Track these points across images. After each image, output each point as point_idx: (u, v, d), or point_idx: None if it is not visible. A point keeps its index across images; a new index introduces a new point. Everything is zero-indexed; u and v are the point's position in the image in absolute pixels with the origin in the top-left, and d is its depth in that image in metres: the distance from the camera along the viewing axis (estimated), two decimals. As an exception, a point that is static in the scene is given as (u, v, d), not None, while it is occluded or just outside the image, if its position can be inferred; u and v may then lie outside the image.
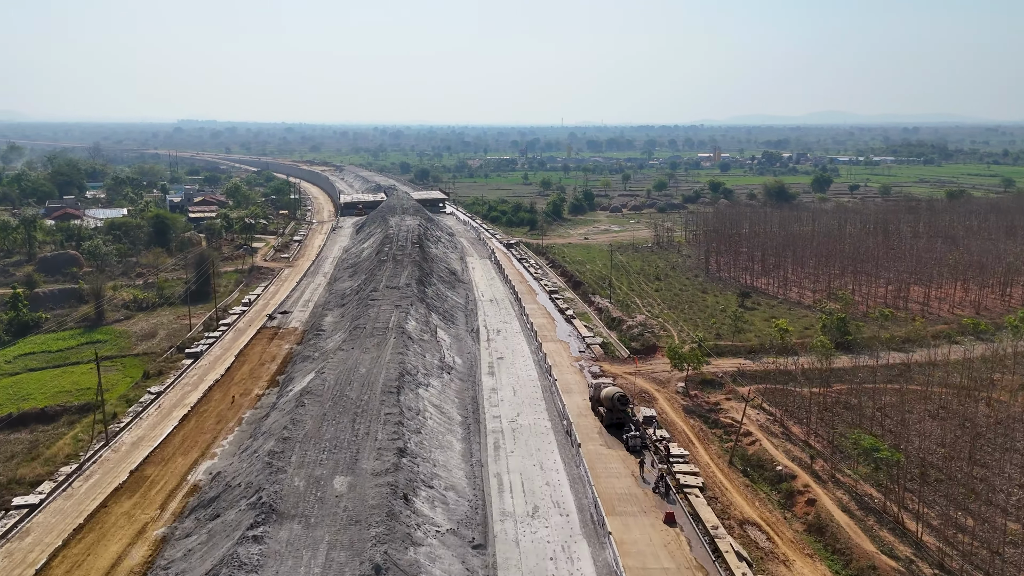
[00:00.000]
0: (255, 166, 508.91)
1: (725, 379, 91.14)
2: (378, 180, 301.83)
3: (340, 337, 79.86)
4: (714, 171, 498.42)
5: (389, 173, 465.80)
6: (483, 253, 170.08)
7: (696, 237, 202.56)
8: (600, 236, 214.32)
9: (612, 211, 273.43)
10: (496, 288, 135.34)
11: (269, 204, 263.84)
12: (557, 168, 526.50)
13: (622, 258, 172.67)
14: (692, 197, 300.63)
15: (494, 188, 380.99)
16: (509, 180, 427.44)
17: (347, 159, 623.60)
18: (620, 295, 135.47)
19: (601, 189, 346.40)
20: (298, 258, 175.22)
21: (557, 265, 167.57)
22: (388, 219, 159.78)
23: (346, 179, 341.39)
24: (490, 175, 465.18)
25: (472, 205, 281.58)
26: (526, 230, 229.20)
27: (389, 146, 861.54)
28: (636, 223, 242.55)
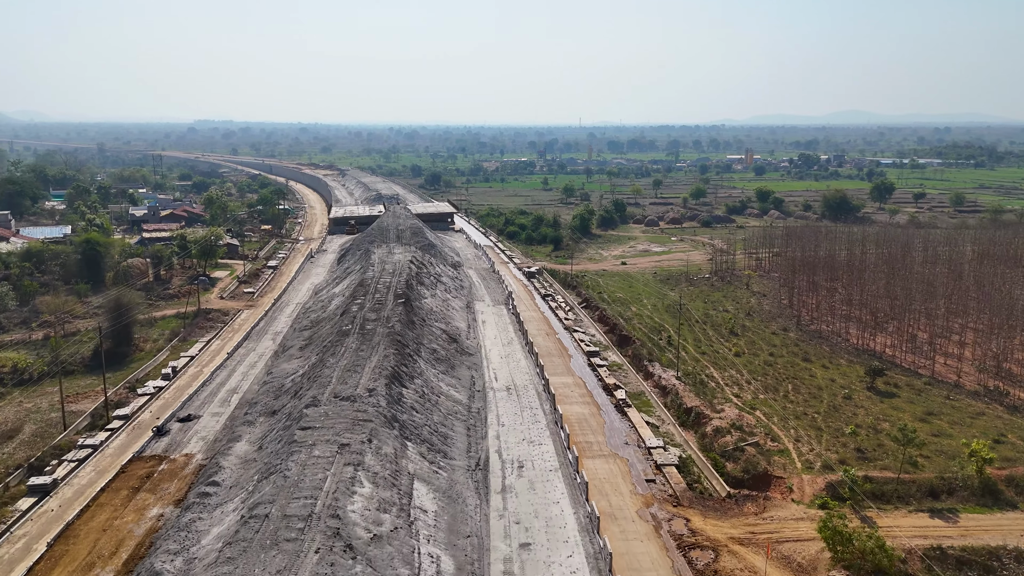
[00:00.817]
0: (258, 169, 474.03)
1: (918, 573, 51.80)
2: (380, 188, 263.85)
3: (226, 526, 42.08)
4: (747, 175, 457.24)
5: (398, 177, 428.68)
6: (497, 295, 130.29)
7: (762, 264, 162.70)
8: (640, 260, 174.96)
9: (648, 225, 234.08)
10: (515, 361, 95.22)
11: (255, 216, 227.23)
12: (578, 171, 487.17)
13: (674, 294, 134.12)
14: (737, 208, 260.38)
15: (511, 195, 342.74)
16: (527, 185, 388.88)
17: (357, 161, 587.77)
18: (687, 361, 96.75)
19: (631, 197, 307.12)
20: (265, 293, 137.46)
21: (593, 305, 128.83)
22: (372, 252, 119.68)
23: (347, 185, 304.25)
24: (507, 179, 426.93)
25: (486, 217, 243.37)
26: (549, 249, 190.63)
27: (403, 147, 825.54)
28: (679, 241, 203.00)
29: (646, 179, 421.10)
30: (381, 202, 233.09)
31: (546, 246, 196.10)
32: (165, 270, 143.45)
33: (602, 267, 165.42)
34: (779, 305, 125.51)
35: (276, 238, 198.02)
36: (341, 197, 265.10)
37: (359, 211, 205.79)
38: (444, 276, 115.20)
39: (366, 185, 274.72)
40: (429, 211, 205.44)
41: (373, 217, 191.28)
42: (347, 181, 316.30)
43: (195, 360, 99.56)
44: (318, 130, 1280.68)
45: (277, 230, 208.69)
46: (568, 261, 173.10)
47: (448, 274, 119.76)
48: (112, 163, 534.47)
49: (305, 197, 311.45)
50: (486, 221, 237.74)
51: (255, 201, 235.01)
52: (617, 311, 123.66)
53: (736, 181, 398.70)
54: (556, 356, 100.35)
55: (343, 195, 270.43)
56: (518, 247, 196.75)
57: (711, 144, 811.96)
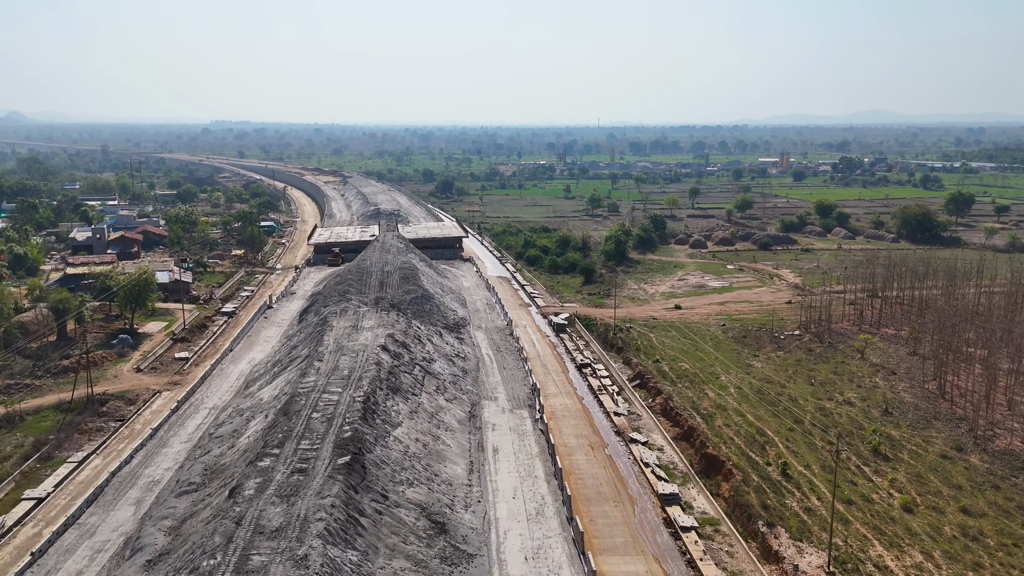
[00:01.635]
0: (260, 173, 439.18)
1: None
2: (380, 201, 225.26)
3: None
4: (785, 179, 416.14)
5: (408, 184, 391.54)
6: (517, 383, 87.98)
7: (863, 311, 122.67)
8: (697, 301, 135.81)
9: (693, 246, 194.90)
10: (552, 562, 53.37)
11: (231, 235, 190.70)
12: (601, 175, 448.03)
13: (760, 364, 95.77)
14: (794, 224, 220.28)
15: (530, 203, 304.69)
16: (548, 192, 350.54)
17: (367, 164, 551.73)
18: (822, 516, 58.38)
19: (666, 208, 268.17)
20: (204, 359, 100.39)
21: (650, 384, 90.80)
22: (329, 324, 79.86)
23: (346, 196, 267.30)
24: (525, 184, 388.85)
25: (502, 235, 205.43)
26: (579, 282, 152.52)
27: (417, 149, 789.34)
28: (738, 270, 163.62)
29: (676, 185, 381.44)
30: (379, 219, 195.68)
31: (575, 276, 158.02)
32: (76, 325, 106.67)
33: (650, 312, 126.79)
34: (924, 393, 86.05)
35: (249, 266, 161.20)
36: (336, 211, 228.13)
37: (348, 234, 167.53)
38: (437, 359, 75.82)
39: (366, 197, 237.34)
40: (433, 235, 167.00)
41: (364, 243, 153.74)
42: (347, 190, 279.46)
43: (42, 506, 62.48)
44: (333, 131, 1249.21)
45: (254, 254, 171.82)
46: (605, 301, 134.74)
47: (444, 350, 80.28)
48: (112, 167, 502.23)
49: (301, 208, 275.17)
50: (502, 240, 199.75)
51: (233, 217, 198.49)
52: (687, 397, 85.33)
53: (776, 188, 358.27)
54: (611, 503, 62.25)
55: (339, 208, 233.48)
56: (541, 277, 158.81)
57: (737, 145, 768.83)
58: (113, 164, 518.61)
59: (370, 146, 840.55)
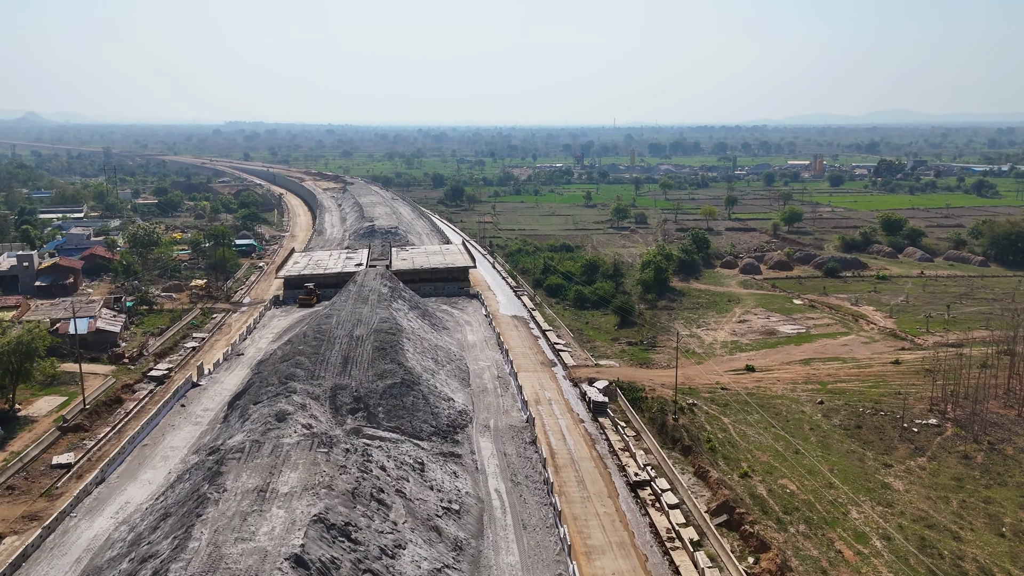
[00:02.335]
0: (261, 177, 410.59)
1: None
2: (378, 215, 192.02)
3: None
4: (820, 184, 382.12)
5: (416, 190, 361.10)
6: (544, 545, 54.19)
7: (1010, 385, 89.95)
8: (772, 357, 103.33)
9: (745, 271, 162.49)
10: None
11: (199, 257, 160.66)
12: (622, 180, 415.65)
13: (898, 482, 64.35)
14: (857, 243, 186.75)
15: (547, 212, 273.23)
16: (566, 200, 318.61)
17: (376, 167, 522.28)
18: None
19: (702, 219, 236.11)
20: (96, 463, 69.82)
21: (750, 533, 59.40)
22: (196, 523, 40.33)
23: (343, 206, 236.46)
24: (541, 190, 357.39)
25: (518, 255, 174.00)
26: (614, 323, 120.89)
27: (429, 150, 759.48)
28: (807, 306, 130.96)
29: (705, 191, 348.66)
30: (373, 239, 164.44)
31: (607, 314, 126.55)
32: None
33: (714, 374, 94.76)
34: None
35: (210, 301, 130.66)
36: (327, 226, 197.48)
37: (329, 263, 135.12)
38: (409, 540, 43.76)
39: (362, 209, 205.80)
40: (434, 264, 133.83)
41: (346, 276, 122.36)
42: (345, 200, 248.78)
43: None
44: (345, 132, 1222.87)
45: (219, 284, 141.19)
46: (652, 357, 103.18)
47: (426, 506, 45.57)
48: (112, 170, 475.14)
49: (294, 219, 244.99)
50: (517, 262, 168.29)
51: (205, 234, 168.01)
52: (810, 558, 53.80)
53: (814, 194, 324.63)
54: None
55: (331, 223, 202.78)
56: (565, 315, 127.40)
57: (761, 147, 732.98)
58: (113, 167, 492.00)
59: (381, 148, 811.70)
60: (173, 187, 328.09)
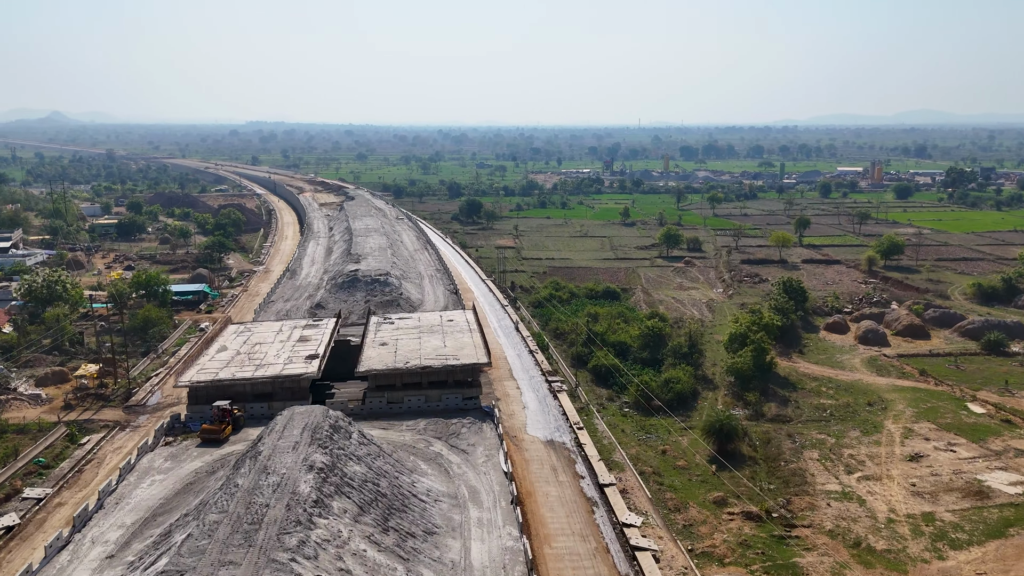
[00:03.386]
0: (263, 185, 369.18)
1: None
2: (370, 250, 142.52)
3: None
4: (885, 196, 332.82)
5: (429, 200, 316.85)
6: None
7: None
8: (1003, 557, 58.47)
9: (865, 341, 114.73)
10: None
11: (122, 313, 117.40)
12: (658, 188, 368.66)
13: None
14: (998, 291, 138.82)
15: (578, 233, 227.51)
16: (600, 215, 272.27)
17: (391, 172, 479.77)
18: None
19: (772, 248, 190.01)
20: None
21: None
22: None
23: (334, 231, 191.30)
24: (569, 201, 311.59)
25: (548, 304, 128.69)
26: (707, 456, 75.52)
27: (448, 153, 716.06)
28: (1005, 423, 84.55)
29: (755, 204, 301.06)
30: (353, 292, 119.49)
31: (689, 427, 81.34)
32: None
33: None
34: None
35: (98, 403, 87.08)
36: (304, 265, 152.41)
37: (271, 352, 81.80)
38: None
39: (352, 239, 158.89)
40: (428, 361, 79.30)
41: (288, 384, 76.75)
42: (338, 223, 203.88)
43: None
44: (364, 133, 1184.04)
45: (124, 369, 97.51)
46: (796, 557, 57.99)
47: None
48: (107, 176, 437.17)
49: (280, 242, 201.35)
50: (548, 317, 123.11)
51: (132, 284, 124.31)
52: None
53: (886, 211, 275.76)
54: None
55: (310, 259, 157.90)
56: (628, 429, 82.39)
57: (799, 150, 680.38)
58: (114, 172, 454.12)
59: (399, 149, 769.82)
60: (154, 200, 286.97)
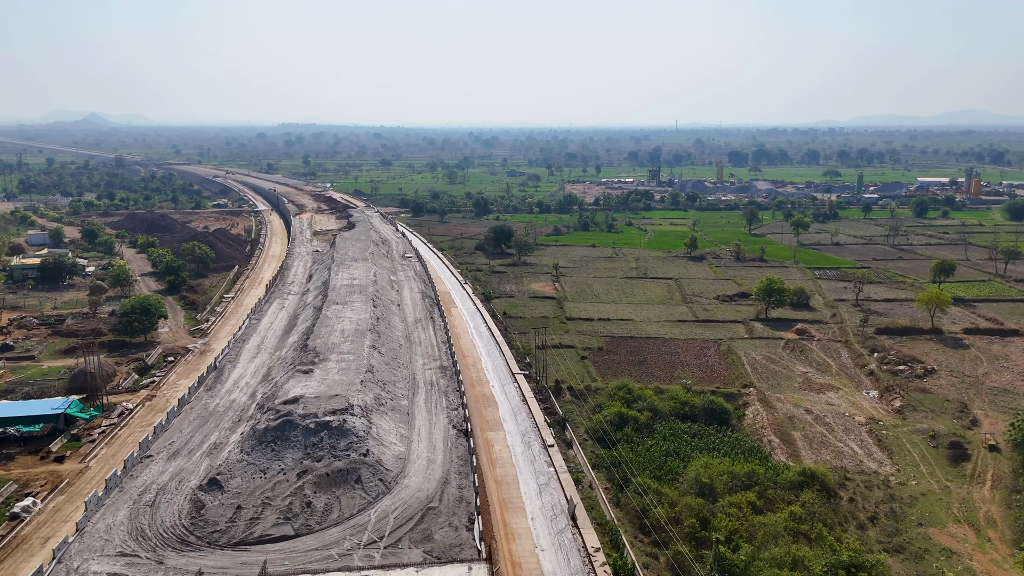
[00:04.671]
0: (267, 200, 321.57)
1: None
2: (336, 342, 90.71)
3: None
4: (993, 215, 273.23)
5: (453, 219, 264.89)
6: None
7: None
8: None
9: None
10: None
11: None
12: (717, 203, 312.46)
13: None
14: None
15: (635, 271, 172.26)
16: (656, 243, 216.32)
17: (416, 180, 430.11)
18: None
19: (922, 310, 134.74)
20: None
21: None
22: None
23: (313, 282, 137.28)
24: (616, 221, 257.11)
25: (618, 430, 76.60)
26: None
27: (478, 157, 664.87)
28: None
29: (841, 227, 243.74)
30: (281, 450, 67.10)
31: None
32: None
33: None
34: None
35: None
36: (241, 355, 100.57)
37: None
38: None
39: (325, 303, 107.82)
40: None
41: None
42: (319, 270, 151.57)
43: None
44: (394, 135, 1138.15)
45: None
46: None
47: None
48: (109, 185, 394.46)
49: (249, 290, 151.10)
50: (622, 471, 71.02)
51: None
52: None
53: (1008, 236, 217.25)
54: None
55: (257, 343, 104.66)
56: None
57: (859, 155, 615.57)
58: (115, 181, 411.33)
59: (426, 154, 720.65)
60: (124, 223, 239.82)
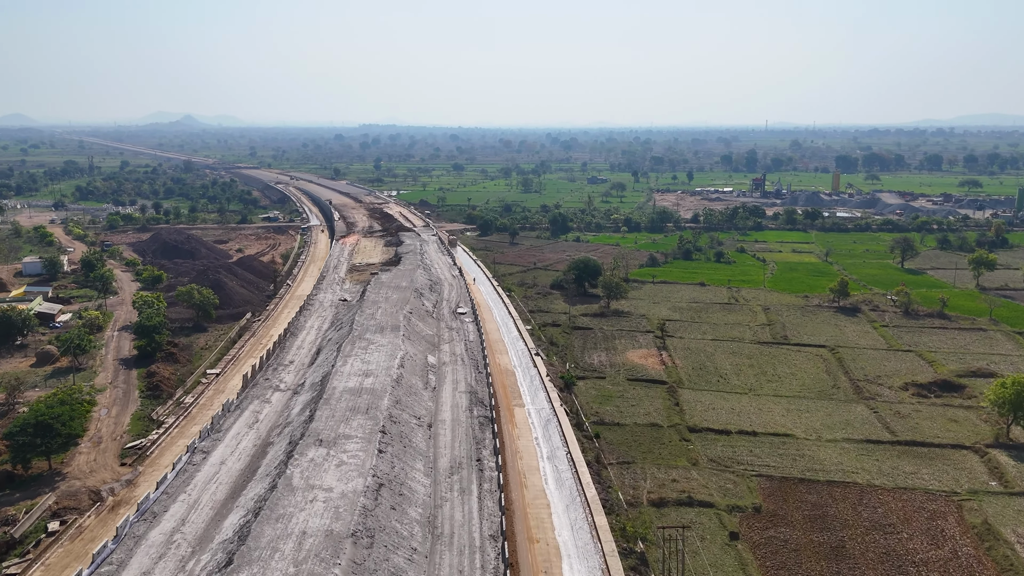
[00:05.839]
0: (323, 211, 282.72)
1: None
2: (338, 497, 48.05)
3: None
4: None
5: (525, 239, 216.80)
6: None
7: None
8: None
9: None
10: None
11: None
12: (843, 223, 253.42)
13: None
14: None
15: (765, 336, 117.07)
16: (780, 281, 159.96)
17: (488, 189, 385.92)
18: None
19: None
20: None
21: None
22: None
23: (314, 370, 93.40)
24: (723, 246, 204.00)
25: None
26: None
27: (555, 161, 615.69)
28: None
29: (1007, 254, 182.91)
30: None
31: None
32: None
33: None
34: None
35: None
36: (192, 491, 55.07)
37: None
38: None
39: (305, 435, 64.02)
40: None
41: None
42: (328, 344, 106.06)
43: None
44: (470, 137, 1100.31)
45: None
46: None
47: None
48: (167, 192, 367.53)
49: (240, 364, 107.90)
50: None
51: None
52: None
53: None
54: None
55: (221, 458, 60.43)
56: None
57: (991, 160, 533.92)
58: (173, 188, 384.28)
59: (502, 157, 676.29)
60: (149, 244, 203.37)
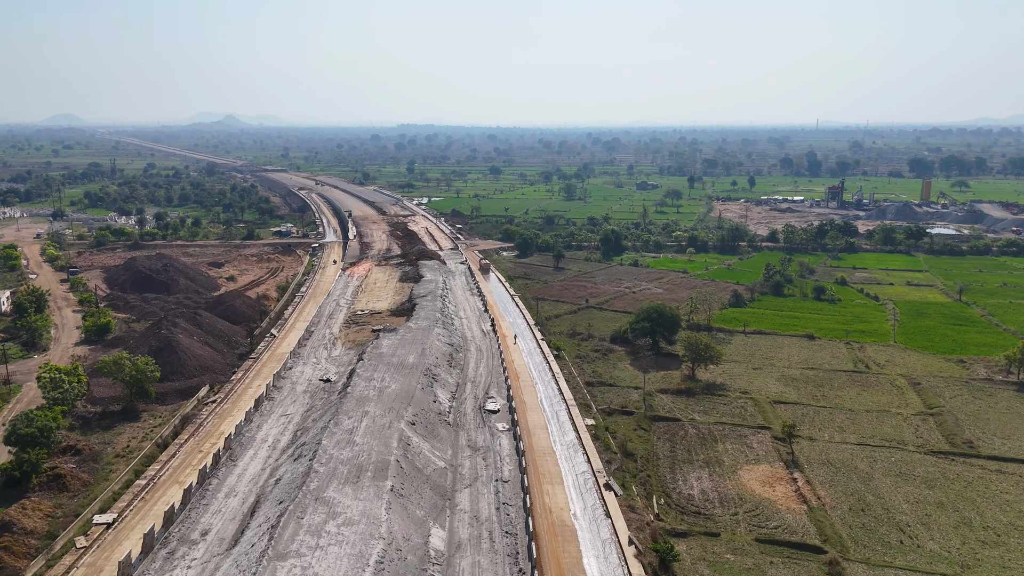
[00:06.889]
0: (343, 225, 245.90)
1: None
2: None
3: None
4: None
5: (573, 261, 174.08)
6: None
7: None
8: None
9: None
10: None
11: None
12: (955, 245, 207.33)
13: None
14: None
15: (930, 431, 70.97)
16: (916, 337, 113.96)
17: (526, 195, 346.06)
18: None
19: None
20: None
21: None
22: None
23: (315, 496, 57.01)
24: (817, 277, 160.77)
25: None
26: None
27: (598, 163, 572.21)
28: None
29: None
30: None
31: None
32: None
33: None
34: None
35: None
36: None
37: None
38: None
39: None
40: None
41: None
42: (312, 444, 68.35)
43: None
44: (509, 136, 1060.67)
45: None
46: None
47: None
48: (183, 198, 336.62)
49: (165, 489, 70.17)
50: None
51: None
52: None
53: None
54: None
55: None
56: None
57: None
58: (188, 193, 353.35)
59: (542, 158, 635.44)
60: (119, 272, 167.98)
